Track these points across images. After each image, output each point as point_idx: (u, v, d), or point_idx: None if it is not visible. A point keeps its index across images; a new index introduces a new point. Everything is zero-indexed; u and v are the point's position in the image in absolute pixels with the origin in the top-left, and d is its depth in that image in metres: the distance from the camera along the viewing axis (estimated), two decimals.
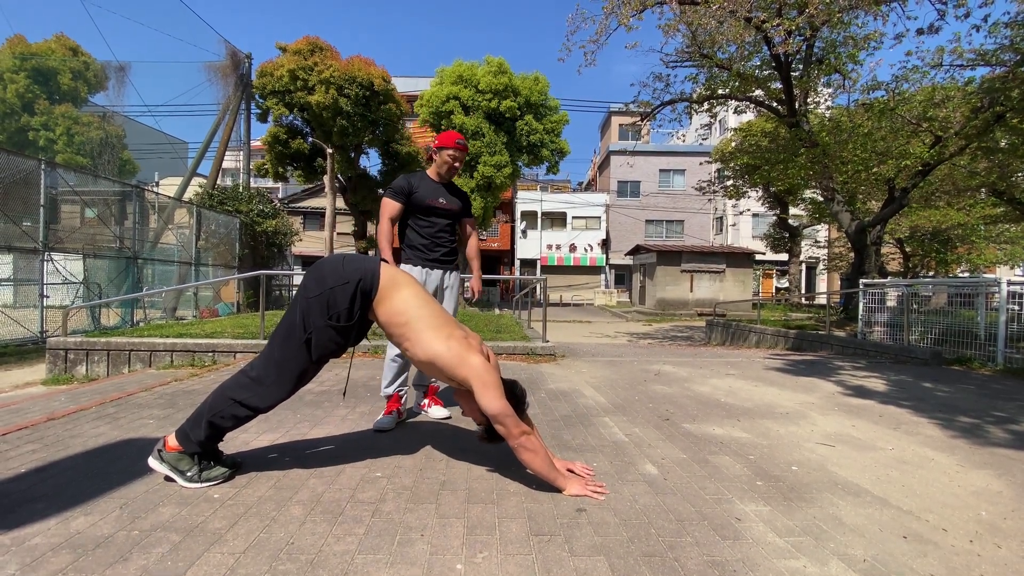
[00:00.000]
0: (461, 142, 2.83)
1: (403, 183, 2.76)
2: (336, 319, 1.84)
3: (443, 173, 2.83)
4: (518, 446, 1.81)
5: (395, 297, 1.89)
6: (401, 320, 1.87)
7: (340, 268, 1.88)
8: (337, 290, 1.84)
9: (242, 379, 1.87)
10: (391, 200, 2.74)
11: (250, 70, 15.08)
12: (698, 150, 28.60)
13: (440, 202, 2.80)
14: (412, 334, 1.86)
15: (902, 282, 7.67)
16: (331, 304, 1.83)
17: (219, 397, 1.85)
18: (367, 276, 1.87)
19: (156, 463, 1.87)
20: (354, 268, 1.88)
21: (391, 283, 1.91)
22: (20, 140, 20.84)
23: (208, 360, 5.02)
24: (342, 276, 1.86)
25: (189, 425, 1.85)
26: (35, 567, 1.31)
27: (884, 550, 1.52)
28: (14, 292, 8.94)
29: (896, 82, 8.99)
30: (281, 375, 1.85)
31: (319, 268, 1.92)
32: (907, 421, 3.09)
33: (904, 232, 17.63)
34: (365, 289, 1.87)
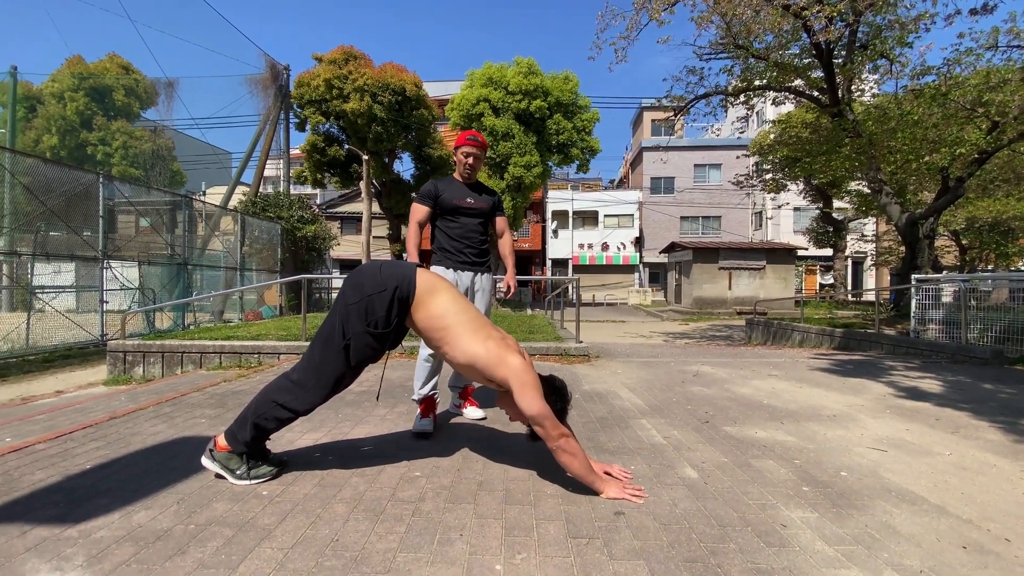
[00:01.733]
0: (473, 137, 2.83)
1: (430, 187, 2.81)
2: (374, 326, 1.88)
3: (464, 172, 2.84)
4: (556, 448, 1.81)
5: (432, 303, 1.92)
6: (439, 324, 1.90)
7: (377, 275, 1.92)
8: (375, 297, 1.87)
9: (284, 382, 1.94)
10: (418, 204, 2.80)
11: (288, 81, 15.61)
12: (735, 143, 27.81)
13: (467, 202, 2.81)
14: (450, 338, 1.89)
15: (959, 277, 7.24)
16: (369, 311, 1.87)
17: (263, 400, 1.93)
18: (403, 283, 1.91)
19: (208, 462, 1.96)
20: (390, 274, 1.92)
21: (428, 289, 1.94)
22: (80, 155, 22.24)
23: (254, 361, 5.22)
24: (379, 283, 1.89)
25: (236, 426, 1.94)
26: (100, 559, 1.40)
27: (942, 561, 1.45)
28: (77, 298, 9.55)
29: (948, 66, 8.49)
30: (320, 380, 1.91)
31: (357, 275, 1.97)
32: (966, 424, 2.92)
33: (960, 224, 16.64)
34: (402, 296, 1.90)
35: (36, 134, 22.18)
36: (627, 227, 30.24)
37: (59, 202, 7.68)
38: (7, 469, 2.06)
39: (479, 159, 2.84)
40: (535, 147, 17.68)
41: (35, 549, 1.44)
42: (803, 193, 20.85)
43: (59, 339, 7.52)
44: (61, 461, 2.17)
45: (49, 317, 7.68)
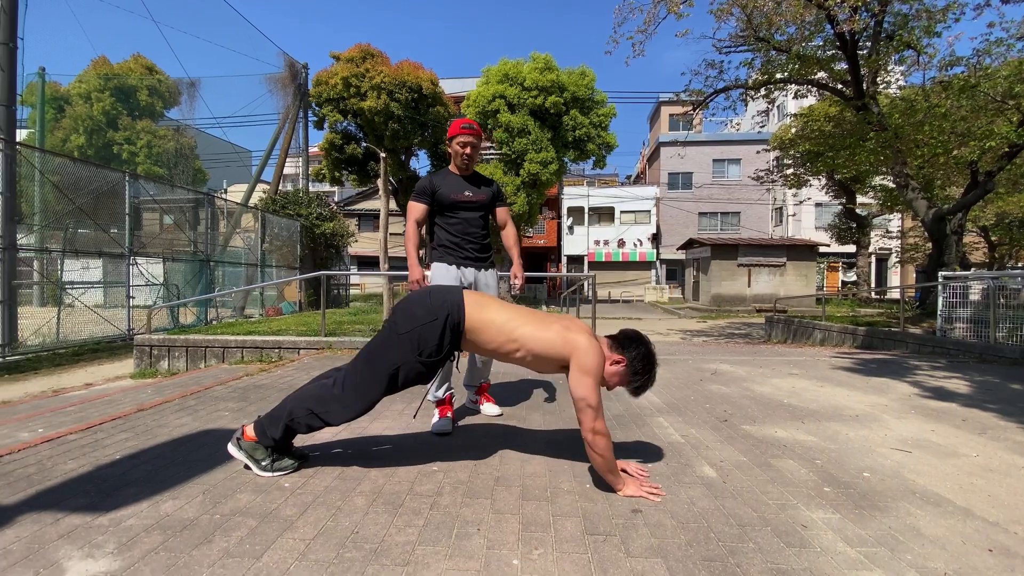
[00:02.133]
0: (468, 126, 2.67)
1: (425, 183, 2.70)
2: (427, 355, 1.87)
3: (459, 163, 2.71)
4: (587, 440, 1.79)
5: (488, 320, 1.90)
6: (503, 339, 1.88)
7: (427, 302, 1.91)
8: (426, 327, 1.86)
9: (325, 392, 1.93)
10: (415, 202, 2.69)
11: (307, 80, 15.79)
12: (755, 138, 27.30)
13: (465, 195, 2.70)
14: (518, 341, 1.87)
15: (988, 274, 7.02)
16: (420, 341, 1.86)
17: (299, 405, 1.93)
18: (454, 310, 1.89)
19: (235, 450, 2.01)
20: (440, 302, 1.90)
21: (478, 308, 1.92)
22: (106, 154, 22.80)
23: (275, 356, 5.32)
24: (430, 312, 1.88)
25: (267, 422, 1.96)
26: (130, 546, 1.45)
27: (967, 564, 1.42)
28: (104, 293, 9.83)
29: (978, 56, 8.23)
30: (360, 400, 1.91)
31: (407, 305, 1.95)
32: (994, 425, 2.85)
33: (989, 219, 16.14)
34: (453, 323, 1.88)
35: (64, 134, 22.80)
36: (644, 223, 29.97)
37: (87, 200, 7.90)
38: (40, 459, 2.14)
39: (476, 148, 2.71)
40: (551, 143, 17.60)
41: (68, 536, 1.50)
42: (825, 188, 20.41)
43: (88, 333, 7.75)
44: (91, 451, 2.24)
45: (78, 312, 7.92)
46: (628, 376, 1.92)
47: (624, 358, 1.91)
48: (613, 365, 1.91)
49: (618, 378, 1.93)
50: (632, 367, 1.90)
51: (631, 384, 1.94)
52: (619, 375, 1.92)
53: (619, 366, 1.91)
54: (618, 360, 1.91)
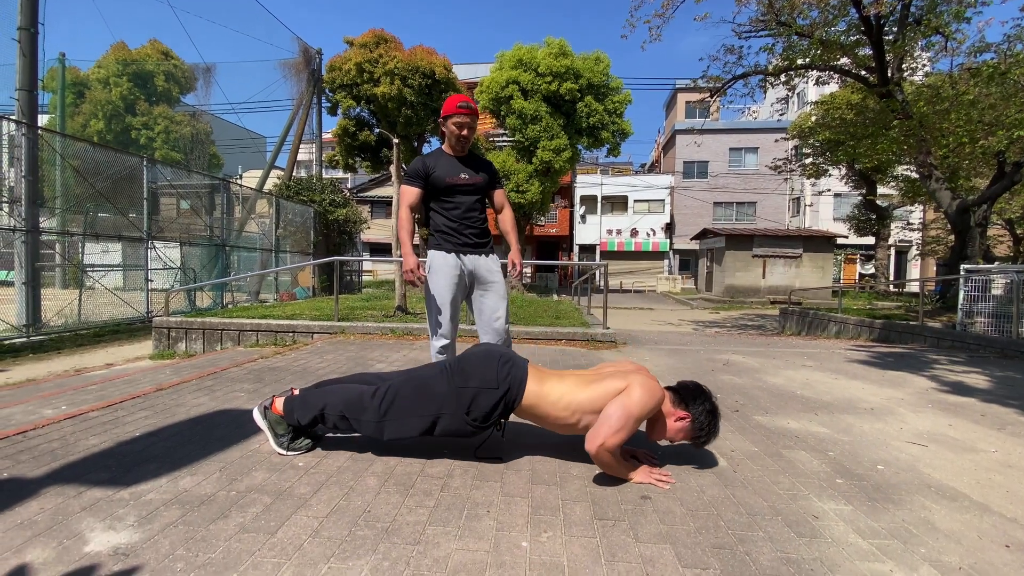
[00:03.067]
0: (465, 104, 2.48)
1: (418, 165, 2.52)
2: (474, 419, 1.85)
3: (455, 144, 2.53)
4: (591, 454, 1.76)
5: (547, 395, 1.85)
6: (566, 412, 1.84)
7: (496, 370, 1.87)
8: (484, 393, 1.83)
9: (364, 403, 1.90)
10: (408, 186, 2.51)
11: (320, 65, 15.76)
12: (773, 126, 26.76)
13: (462, 178, 2.53)
14: (580, 412, 1.83)
15: (1012, 268, 6.84)
16: (474, 403, 1.84)
17: (336, 404, 1.92)
18: (515, 385, 1.85)
19: (259, 417, 2.04)
20: (507, 375, 1.86)
21: (538, 382, 1.87)
22: (125, 139, 23.09)
23: (289, 340, 5.39)
24: (494, 380, 1.85)
25: (299, 404, 1.98)
26: (150, 520, 1.49)
27: (983, 559, 1.40)
28: (123, 276, 10.01)
29: (1008, 42, 7.93)
30: (398, 427, 1.89)
31: (476, 361, 1.91)
32: (1014, 421, 2.79)
33: (1015, 212, 15.69)
34: (510, 400, 1.85)
35: (84, 119, 23.11)
36: (657, 213, 29.66)
37: (106, 184, 8.02)
38: (63, 434, 2.20)
39: (473, 129, 2.52)
40: (564, 130, 17.42)
41: (90, 509, 1.54)
42: (845, 179, 19.99)
43: (108, 315, 7.92)
44: (112, 428, 2.30)
45: (99, 294, 8.09)
46: (693, 432, 1.90)
47: (689, 414, 1.88)
48: (678, 422, 1.89)
49: (683, 434, 1.91)
50: (697, 423, 1.87)
51: (696, 439, 1.92)
52: (684, 431, 1.90)
53: (684, 422, 1.88)
54: (683, 416, 1.88)
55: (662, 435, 1.93)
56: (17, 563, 1.26)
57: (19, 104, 7.19)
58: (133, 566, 1.26)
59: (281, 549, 1.35)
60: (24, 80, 7.22)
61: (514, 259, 2.71)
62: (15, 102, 7.23)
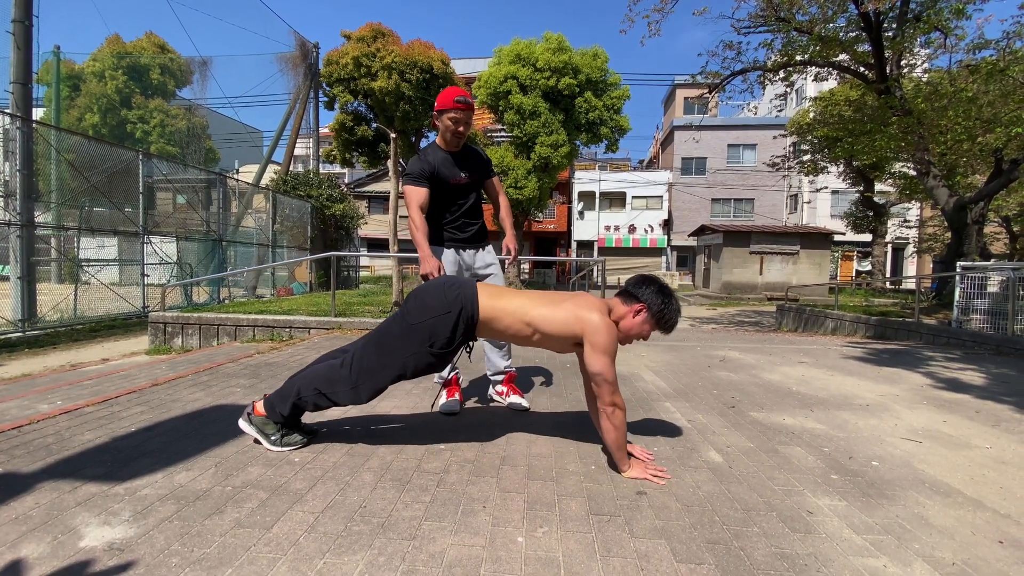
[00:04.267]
0: (463, 99, 2.38)
1: (423, 166, 2.45)
2: (438, 347, 1.86)
3: (448, 140, 2.46)
4: (604, 412, 1.80)
5: (502, 313, 1.88)
6: (521, 326, 1.87)
7: (443, 296, 1.88)
8: (440, 319, 1.85)
9: (333, 374, 1.93)
10: (415, 187, 2.44)
11: (317, 59, 15.69)
12: (771, 123, 26.77)
13: (461, 177, 2.52)
14: (533, 325, 1.86)
15: (1008, 265, 6.86)
16: (432, 333, 1.85)
17: (307, 384, 1.94)
18: (467, 303, 1.87)
19: (245, 424, 2.04)
20: (455, 296, 1.87)
21: (490, 299, 1.90)
22: (120, 133, 22.93)
23: (286, 335, 5.38)
24: (445, 304, 1.86)
25: (276, 399, 1.99)
26: (145, 515, 1.48)
27: (976, 554, 1.41)
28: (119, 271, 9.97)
29: (1008, 39, 7.93)
30: (371, 385, 1.91)
31: (421, 295, 1.92)
32: (1008, 418, 2.81)
33: (1012, 209, 15.73)
34: (467, 316, 1.87)
35: (79, 112, 22.92)
36: (656, 209, 29.65)
37: (102, 179, 7.97)
38: (59, 429, 2.19)
39: (468, 125, 2.45)
40: (563, 126, 17.38)
41: (85, 504, 1.54)
42: (842, 175, 20.00)
43: (104, 310, 7.89)
44: (108, 423, 2.29)
45: (94, 289, 8.05)
46: (654, 316, 1.89)
47: (643, 303, 1.88)
48: (636, 316, 1.89)
49: (647, 325, 1.90)
50: (653, 306, 1.88)
51: (660, 322, 1.91)
52: (646, 321, 1.90)
53: (642, 314, 1.89)
54: (638, 309, 1.89)
55: (628, 340, 1.93)
56: (12, 558, 1.26)
57: (13, 97, 7.14)
58: (128, 561, 1.25)
59: (277, 544, 1.35)
60: (19, 73, 7.16)
61: (509, 244, 2.74)
62: (9, 95, 7.18)
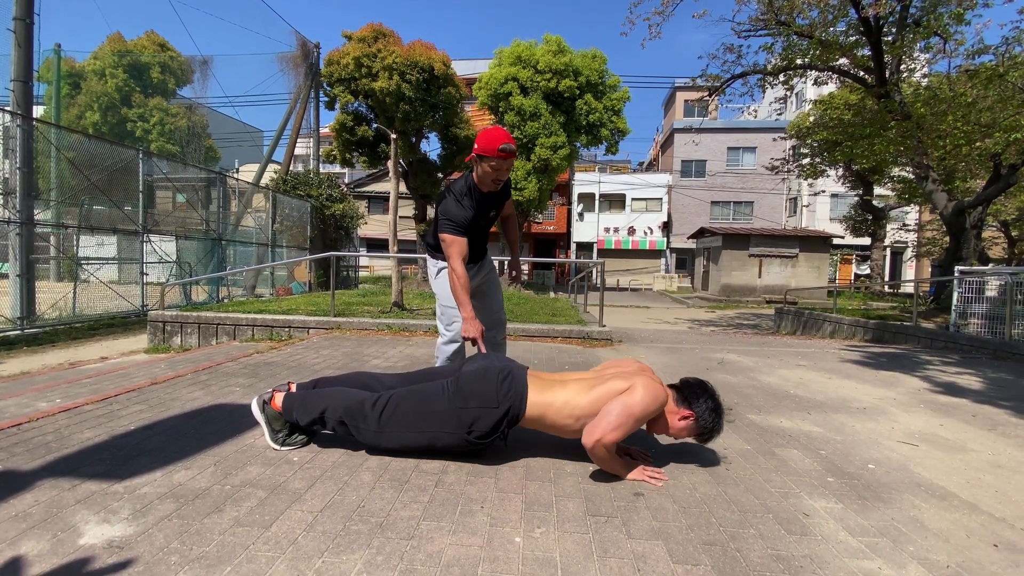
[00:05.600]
0: (506, 148, 2.20)
1: (465, 213, 2.34)
2: (477, 436, 1.84)
3: (487, 184, 2.34)
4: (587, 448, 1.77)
5: (548, 410, 1.85)
6: (570, 419, 1.83)
7: (497, 388, 1.84)
8: (486, 411, 1.82)
9: (368, 411, 1.89)
10: (458, 237, 2.30)
11: (318, 59, 15.69)
12: (771, 126, 26.82)
13: (491, 215, 2.55)
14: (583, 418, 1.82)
15: (1006, 269, 6.89)
16: (475, 423, 1.83)
17: (335, 410, 1.92)
18: (516, 401, 1.84)
19: (257, 410, 2.04)
20: (507, 392, 1.84)
21: (538, 393, 1.86)
22: (120, 131, 22.92)
23: (285, 335, 5.39)
24: (496, 399, 1.83)
25: (298, 405, 1.98)
26: (144, 513, 1.49)
27: (971, 557, 1.42)
28: (119, 270, 9.96)
29: (1007, 45, 7.96)
30: (397, 439, 1.90)
31: (475, 380, 1.87)
32: (1005, 422, 2.82)
33: (1011, 214, 15.78)
34: (512, 416, 1.85)
35: (79, 110, 22.91)
36: (655, 211, 29.69)
37: (102, 177, 7.96)
38: (58, 427, 2.20)
39: (508, 171, 2.33)
40: (563, 128, 17.41)
41: (84, 502, 1.54)
42: (842, 179, 20.05)
43: (103, 308, 7.88)
44: (107, 422, 2.30)
45: (93, 287, 8.05)
46: (697, 430, 1.90)
47: (693, 413, 1.87)
48: (681, 420, 1.87)
49: (687, 432, 1.91)
50: (701, 422, 1.87)
51: (700, 435, 1.92)
52: (688, 429, 1.90)
53: (688, 421, 1.88)
54: (686, 416, 1.87)
55: (664, 431, 1.93)
56: (12, 555, 1.26)
57: (14, 95, 7.14)
58: (127, 559, 1.26)
59: (276, 543, 1.35)
60: (19, 71, 7.16)
61: (516, 267, 2.81)
62: (10, 93, 7.18)
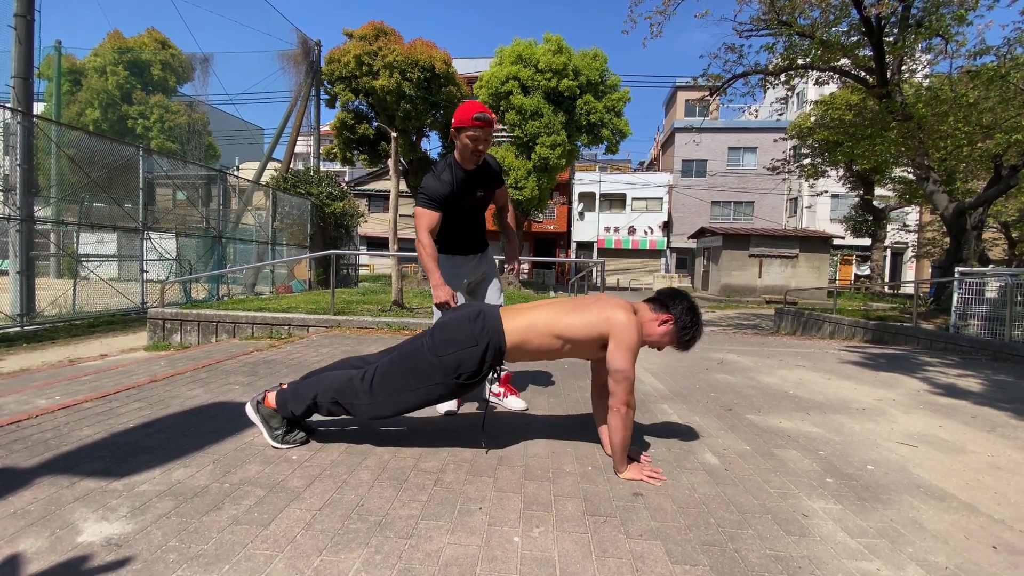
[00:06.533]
0: (481, 116, 2.25)
1: (440, 188, 2.35)
2: (465, 378, 1.88)
3: (467, 157, 2.37)
4: (616, 410, 1.81)
5: (530, 332, 1.88)
6: (548, 342, 1.88)
7: (470, 329, 1.88)
8: (467, 352, 1.86)
9: (357, 385, 1.92)
10: (428, 210, 2.34)
11: (319, 57, 15.66)
12: (772, 126, 26.77)
13: (478, 196, 2.51)
14: (565, 336, 1.87)
15: (1006, 271, 6.89)
16: (460, 365, 1.86)
17: (325, 392, 1.94)
18: (495, 336, 1.87)
19: (252, 412, 2.04)
20: (482, 328, 1.88)
21: (514, 321, 1.90)
22: (121, 128, 22.88)
23: (285, 333, 5.38)
24: (472, 338, 1.87)
25: (291, 397, 1.99)
26: (143, 510, 1.49)
27: (970, 559, 1.42)
28: (118, 267, 9.96)
29: (1008, 45, 7.96)
30: (393, 404, 1.92)
31: (446, 330, 1.92)
32: (1004, 424, 2.82)
33: (1011, 215, 15.77)
34: (495, 348, 1.87)
35: (80, 107, 22.87)
36: (655, 211, 29.67)
37: (102, 174, 7.95)
38: (57, 424, 2.20)
39: (488, 142, 2.35)
40: (564, 127, 17.39)
41: (83, 499, 1.54)
42: (843, 180, 20.04)
43: (103, 306, 7.88)
44: (106, 419, 2.30)
45: (93, 284, 8.04)
46: (678, 332, 1.92)
47: (671, 316, 1.91)
48: (662, 325, 1.91)
49: (669, 336, 1.93)
50: (681, 322, 1.90)
51: (682, 338, 1.93)
52: (669, 334, 1.92)
53: (668, 325, 1.91)
54: (665, 319, 1.91)
55: (646, 343, 1.95)
56: (10, 552, 1.26)
57: (14, 92, 7.13)
58: (126, 556, 1.26)
59: (274, 541, 1.35)
60: (20, 68, 7.15)
61: (513, 263, 2.76)
62: (10, 90, 7.17)
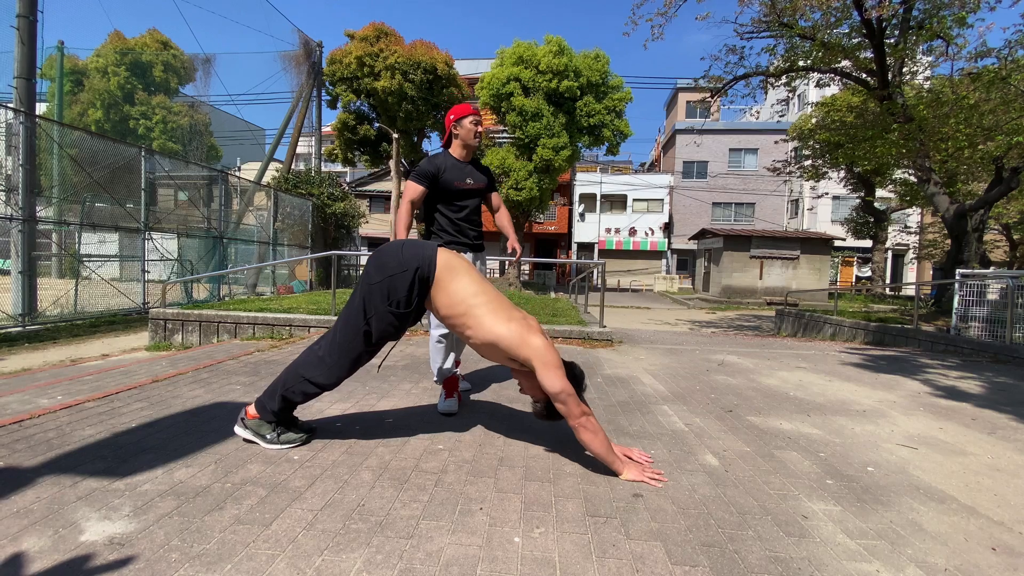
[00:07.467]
0: (476, 107, 2.80)
1: (430, 166, 2.63)
2: (396, 305, 1.91)
3: (470, 142, 2.68)
4: (578, 426, 1.84)
5: (452, 285, 1.94)
6: (460, 310, 1.92)
7: (399, 254, 1.94)
8: (396, 277, 1.90)
9: (311, 357, 1.99)
10: (416, 184, 2.62)
11: (321, 58, 15.69)
12: (773, 127, 26.78)
13: (468, 183, 2.69)
14: (472, 321, 1.90)
15: (1007, 273, 6.88)
16: (391, 291, 1.90)
17: (291, 374, 2.00)
18: (424, 263, 1.92)
19: (241, 430, 2.07)
20: (412, 255, 1.94)
21: (447, 270, 1.95)
22: (123, 128, 22.93)
23: (285, 333, 5.39)
24: (401, 263, 1.92)
25: (266, 397, 2.02)
26: (145, 510, 1.50)
27: (969, 561, 1.42)
28: (120, 267, 9.98)
29: (1009, 47, 7.95)
30: (342, 356, 1.96)
31: (379, 255, 1.98)
32: (1005, 426, 2.82)
33: (1012, 217, 15.76)
34: (423, 276, 1.92)
35: (82, 108, 22.93)
36: (656, 212, 29.67)
37: (104, 174, 7.97)
38: (59, 424, 2.21)
39: (482, 133, 2.76)
40: (565, 128, 17.40)
41: (86, 499, 1.55)
42: (844, 181, 20.03)
43: (104, 306, 7.89)
44: (108, 419, 2.30)
45: (95, 285, 8.06)
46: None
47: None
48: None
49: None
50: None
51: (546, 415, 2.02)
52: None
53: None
54: None
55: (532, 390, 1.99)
56: (13, 551, 1.27)
57: (17, 92, 7.15)
58: (128, 556, 1.27)
59: (275, 541, 1.36)
60: (22, 68, 7.17)
61: (514, 246, 2.90)
62: (13, 90, 7.19)
